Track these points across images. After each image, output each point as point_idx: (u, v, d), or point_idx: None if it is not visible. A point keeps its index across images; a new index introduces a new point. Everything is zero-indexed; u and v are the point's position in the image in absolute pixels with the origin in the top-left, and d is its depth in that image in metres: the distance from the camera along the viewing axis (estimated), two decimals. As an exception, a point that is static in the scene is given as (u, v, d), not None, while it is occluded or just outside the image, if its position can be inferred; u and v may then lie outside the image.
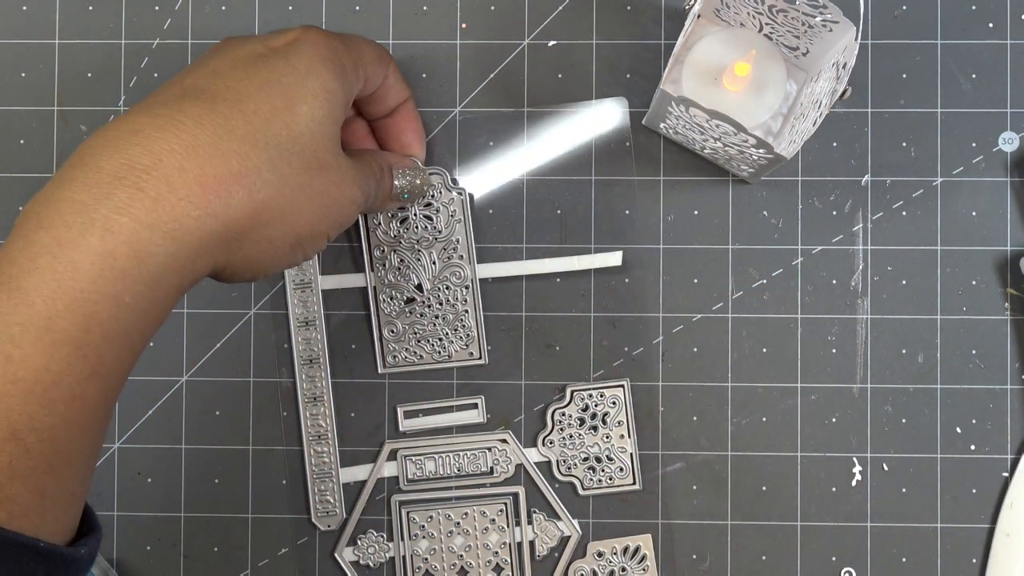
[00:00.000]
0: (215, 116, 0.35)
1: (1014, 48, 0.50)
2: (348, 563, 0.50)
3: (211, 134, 0.35)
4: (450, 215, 0.50)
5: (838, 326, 0.50)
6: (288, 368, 0.50)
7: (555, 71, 0.51)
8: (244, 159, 0.35)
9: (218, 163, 0.35)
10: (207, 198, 0.34)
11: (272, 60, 0.38)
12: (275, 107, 0.37)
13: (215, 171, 0.35)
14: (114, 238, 0.32)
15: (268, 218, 0.36)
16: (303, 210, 0.38)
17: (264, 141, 0.36)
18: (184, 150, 0.34)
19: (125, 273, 0.32)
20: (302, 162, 0.38)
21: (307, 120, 0.38)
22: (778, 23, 0.46)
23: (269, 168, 0.36)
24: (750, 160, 0.46)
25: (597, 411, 0.50)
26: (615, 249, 0.50)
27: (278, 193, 0.36)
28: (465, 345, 0.50)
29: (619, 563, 0.49)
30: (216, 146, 0.35)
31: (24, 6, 0.51)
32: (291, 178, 0.37)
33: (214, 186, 0.34)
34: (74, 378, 0.32)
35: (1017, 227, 0.50)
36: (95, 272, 0.32)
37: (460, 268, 0.49)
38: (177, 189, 0.34)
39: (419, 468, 0.50)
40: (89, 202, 0.33)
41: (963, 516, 0.49)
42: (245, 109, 0.36)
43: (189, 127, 0.35)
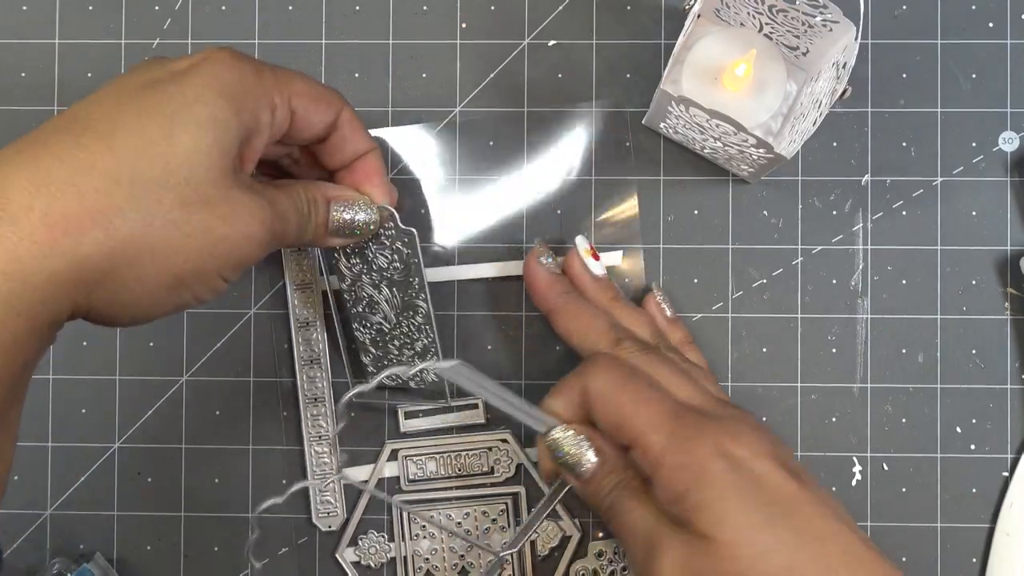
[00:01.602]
0: (77, 151, 0.34)
1: (1014, 48, 0.50)
2: (349, 563, 0.50)
3: (68, 171, 0.33)
4: (405, 256, 0.46)
5: (838, 326, 0.50)
6: (288, 368, 0.50)
7: (555, 71, 0.51)
8: (102, 196, 0.34)
9: (70, 201, 0.33)
10: (53, 236, 0.33)
11: (163, 86, 0.36)
12: (150, 138, 0.35)
13: (64, 209, 0.33)
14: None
15: (133, 257, 0.34)
16: (179, 248, 0.35)
17: (130, 176, 0.34)
18: (35, 188, 0.33)
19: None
20: (177, 197, 0.35)
21: (187, 152, 0.35)
22: (778, 23, 0.46)
23: (132, 205, 0.34)
24: (750, 160, 0.46)
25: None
26: (615, 249, 0.50)
27: (143, 231, 0.34)
28: (436, 379, 0.49)
29: (620, 562, 0.49)
30: (71, 183, 0.33)
31: (24, 6, 0.51)
32: (161, 215, 0.35)
33: (62, 224, 0.33)
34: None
35: (1017, 227, 0.50)
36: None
37: (422, 309, 0.47)
38: (21, 228, 0.32)
39: (420, 468, 0.50)
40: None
41: (963, 516, 0.49)
42: (113, 143, 0.34)
43: (46, 164, 0.33)
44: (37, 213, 0.33)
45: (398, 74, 0.51)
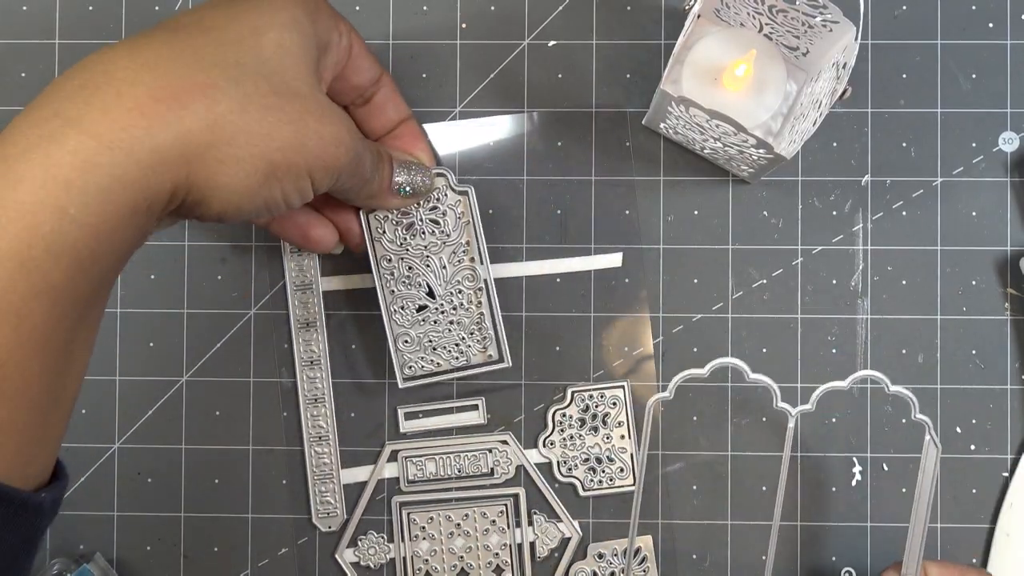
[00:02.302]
0: (178, 40, 0.35)
1: (1014, 48, 0.50)
2: (349, 564, 0.50)
3: (171, 52, 0.35)
4: (457, 217, 0.48)
5: (838, 326, 0.50)
6: (288, 369, 0.50)
7: (555, 71, 0.51)
8: (205, 74, 0.35)
9: (174, 77, 0.34)
10: (158, 109, 0.33)
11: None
12: (241, 34, 0.37)
13: (169, 84, 0.34)
14: (58, 149, 0.31)
15: (232, 135, 0.35)
16: (274, 134, 0.36)
17: (230, 61, 0.36)
18: (139, 67, 0.34)
19: (68, 183, 0.31)
20: (269, 85, 0.36)
21: (274, 46, 0.37)
22: (778, 23, 0.46)
23: (232, 85, 0.35)
24: (750, 160, 0.46)
25: (597, 412, 0.50)
26: (615, 249, 0.50)
27: (241, 108, 0.35)
28: (484, 348, 0.49)
29: (619, 564, 0.49)
30: (175, 61, 0.34)
31: (24, 6, 0.51)
32: (257, 99, 0.36)
33: (167, 98, 0.33)
34: (17, 296, 0.30)
35: (1017, 227, 0.50)
36: (36, 183, 0.31)
37: (472, 271, 0.49)
38: (126, 100, 0.33)
39: (420, 469, 0.50)
40: (39, 120, 0.32)
41: (963, 516, 0.49)
42: (210, 35, 0.36)
43: (152, 47, 0.34)
44: (143, 87, 0.33)
45: (398, 74, 0.51)
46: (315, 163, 0.38)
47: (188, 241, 0.51)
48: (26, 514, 0.31)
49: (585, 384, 0.50)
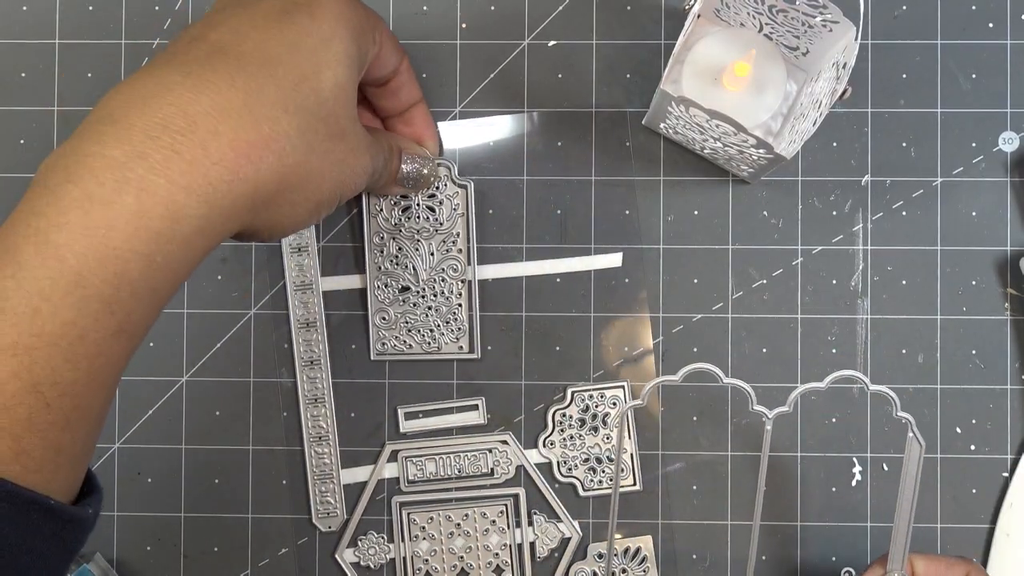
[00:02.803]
0: (246, 78, 0.35)
1: (1014, 48, 0.50)
2: (349, 564, 0.50)
3: (243, 97, 0.35)
4: (453, 208, 0.50)
5: (838, 326, 0.50)
6: (288, 369, 0.50)
7: (555, 71, 0.51)
8: (274, 124, 0.35)
9: (250, 128, 0.35)
10: (239, 163, 0.34)
11: (296, 18, 0.38)
12: (303, 72, 0.37)
13: (247, 136, 0.34)
14: (150, 198, 0.32)
15: (295, 183, 0.37)
16: (326, 176, 0.38)
17: (294, 106, 0.36)
18: (218, 113, 0.34)
19: (159, 234, 0.32)
20: (327, 128, 0.38)
21: (332, 86, 0.38)
22: (778, 23, 0.46)
23: (298, 134, 0.36)
24: (750, 160, 0.46)
25: (597, 412, 0.50)
26: (615, 250, 0.50)
27: (304, 159, 0.37)
28: (456, 339, 0.50)
29: (619, 564, 0.49)
30: (248, 110, 0.35)
31: (24, 6, 0.51)
32: (317, 144, 0.37)
33: (246, 151, 0.34)
34: (100, 334, 0.32)
35: (1017, 227, 0.50)
36: (129, 231, 0.32)
37: (457, 262, 0.49)
38: (211, 153, 0.33)
39: (420, 469, 0.50)
40: (122, 159, 0.32)
41: (963, 516, 0.49)
42: (275, 72, 0.36)
43: (222, 89, 0.34)
44: (225, 139, 0.34)
45: (398, 74, 0.51)
46: (345, 191, 0.40)
47: (188, 241, 0.51)
48: (72, 528, 0.33)
49: (585, 384, 0.50)
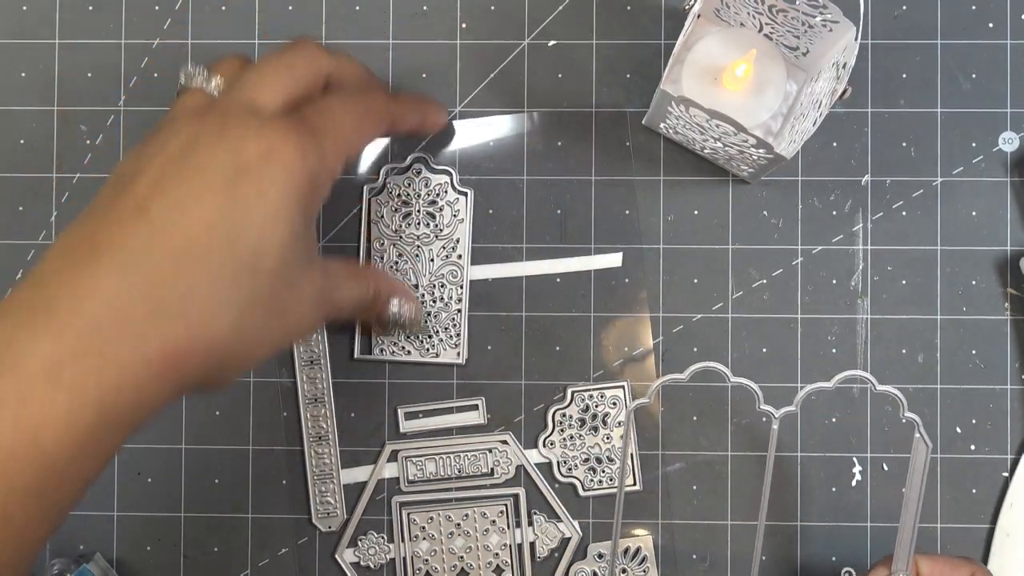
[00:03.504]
0: (183, 273, 0.35)
1: (1014, 48, 0.50)
2: (349, 564, 0.50)
3: (178, 299, 0.34)
4: (453, 214, 0.49)
5: (838, 326, 0.50)
6: (288, 368, 0.50)
7: (555, 71, 0.51)
8: (207, 326, 0.35)
9: (182, 332, 0.34)
10: (168, 366, 0.34)
11: (242, 191, 0.36)
12: (243, 260, 0.36)
13: (178, 342, 0.34)
14: (80, 399, 0.32)
15: (230, 364, 0.37)
16: (265, 345, 0.38)
17: (231, 300, 0.36)
18: (151, 316, 0.34)
19: (89, 429, 0.33)
20: (266, 312, 0.37)
21: (274, 267, 0.36)
22: (778, 23, 0.46)
23: (232, 330, 0.36)
24: (750, 160, 0.46)
25: (597, 411, 0.50)
26: (615, 249, 0.50)
27: (239, 346, 0.36)
28: (455, 344, 0.50)
29: (620, 564, 0.49)
30: (181, 312, 0.34)
31: (24, 6, 0.51)
32: (253, 332, 0.37)
33: (175, 356, 0.34)
34: (26, 519, 0.33)
35: (1017, 227, 0.50)
36: (59, 430, 0.32)
37: (457, 268, 0.49)
38: (141, 356, 0.33)
39: (420, 469, 0.50)
40: (55, 359, 0.32)
41: (963, 516, 0.49)
42: (211, 265, 0.35)
43: (156, 288, 0.34)
44: (155, 344, 0.34)
45: (398, 74, 0.51)
46: (296, 338, 0.43)
47: (188, 241, 0.51)
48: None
49: (585, 384, 0.50)
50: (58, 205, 0.51)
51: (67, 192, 0.51)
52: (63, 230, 0.37)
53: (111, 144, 0.51)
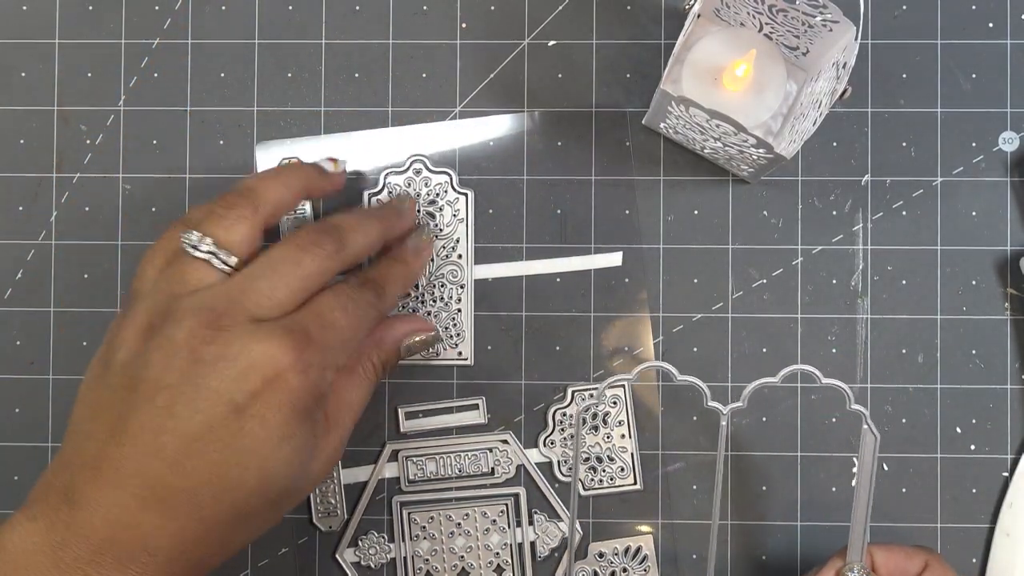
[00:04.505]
0: (192, 515, 0.36)
1: (1014, 48, 0.50)
2: (349, 564, 0.50)
3: (178, 540, 0.36)
4: (453, 214, 0.49)
5: (838, 326, 0.50)
6: (288, 368, 0.50)
7: (555, 71, 0.51)
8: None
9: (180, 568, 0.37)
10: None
11: (247, 425, 0.37)
12: (240, 507, 0.38)
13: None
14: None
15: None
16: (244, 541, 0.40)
17: (223, 546, 0.38)
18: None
19: None
20: (286, 504, 0.40)
21: (284, 485, 0.39)
22: (778, 23, 0.46)
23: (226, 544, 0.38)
24: (750, 160, 0.46)
25: (598, 411, 0.50)
26: (615, 249, 0.50)
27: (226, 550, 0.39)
28: (455, 344, 0.50)
29: (620, 563, 0.49)
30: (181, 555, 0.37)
31: (24, 6, 0.51)
32: (240, 543, 0.39)
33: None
34: None
35: (1017, 227, 0.50)
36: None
37: (457, 267, 0.49)
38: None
39: (420, 469, 0.50)
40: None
41: (963, 516, 0.49)
42: (217, 514, 0.37)
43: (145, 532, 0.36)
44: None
45: (398, 74, 0.51)
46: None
47: (188, 241, 0.51)
48: None
49: (585, 384, 0.50)
50: (58, 205, 0.51)
51: (67, 192, 0.51)
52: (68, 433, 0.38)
53: (111, 144, 0.51)
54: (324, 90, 0.51)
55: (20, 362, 0.51)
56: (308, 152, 0.50)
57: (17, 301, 0.51)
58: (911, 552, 0.43)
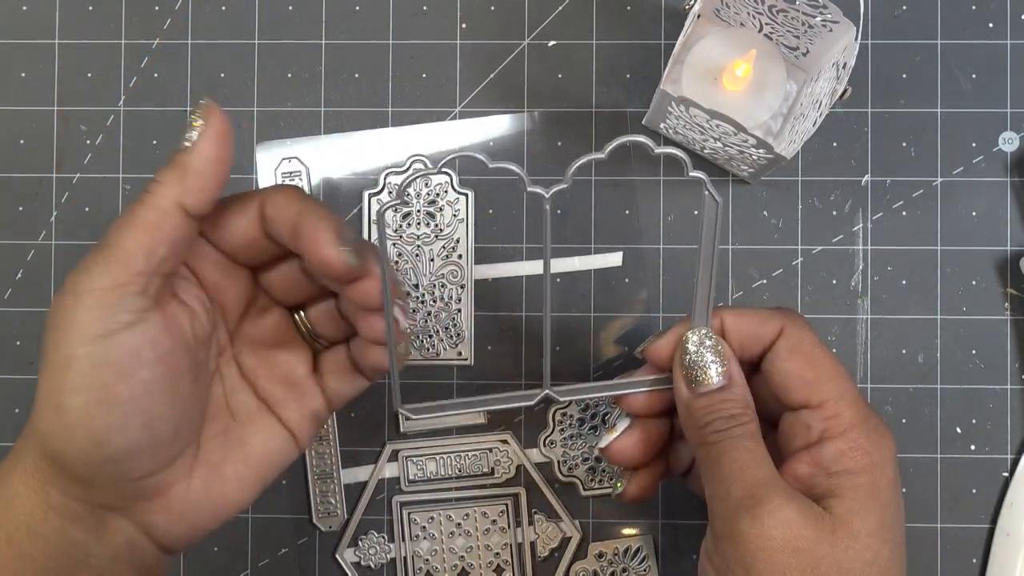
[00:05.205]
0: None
1: (1014, 48, 0.50)
2: (349, 564, 0.50)
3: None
4: (453, 214, 0.49)
5: (838, 326, 0.50)
6: (288, 368, 0.50)
7: (555, 71, 0.51)
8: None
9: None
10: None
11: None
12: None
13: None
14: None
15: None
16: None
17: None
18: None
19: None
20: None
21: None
22: (778, 23, 0.46)
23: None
24: (750, 160, 0.46)
25: (598, 411, 0.50)
26: (615, 249, 0.50)
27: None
28: (455, 344, 0.50)
29: (620, 564, 0.49)
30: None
31: (24, 6, 0.51)
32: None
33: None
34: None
35: (1017, 227, 0.50)
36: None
37: (458, 267, 0.49)
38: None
39: (420, 469, 0.50)
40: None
41: (963, 516, 0.49)
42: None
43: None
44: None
45: (398, 74, 0.51)
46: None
47: (188, 241, 0.51)
48: None
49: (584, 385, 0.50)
50: (58, 205, 0.51)
51: (67, 192, 0.51)
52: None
53: (111, 144, 0.51)
54: (324, 90, 0.51)
55: (20, 362, 0.51)
56: (308, 152, 0.50)
57: (17, 301, 0.51)
58: (765, 316, 0.40)
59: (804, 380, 0.38)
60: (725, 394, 0.39)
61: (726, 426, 0.38)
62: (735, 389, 0.39)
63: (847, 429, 0.37)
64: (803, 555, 0.35)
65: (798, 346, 0.39)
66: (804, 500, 0.36)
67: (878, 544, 0.36)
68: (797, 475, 0.37)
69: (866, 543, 0.36)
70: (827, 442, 0.37)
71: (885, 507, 0.37)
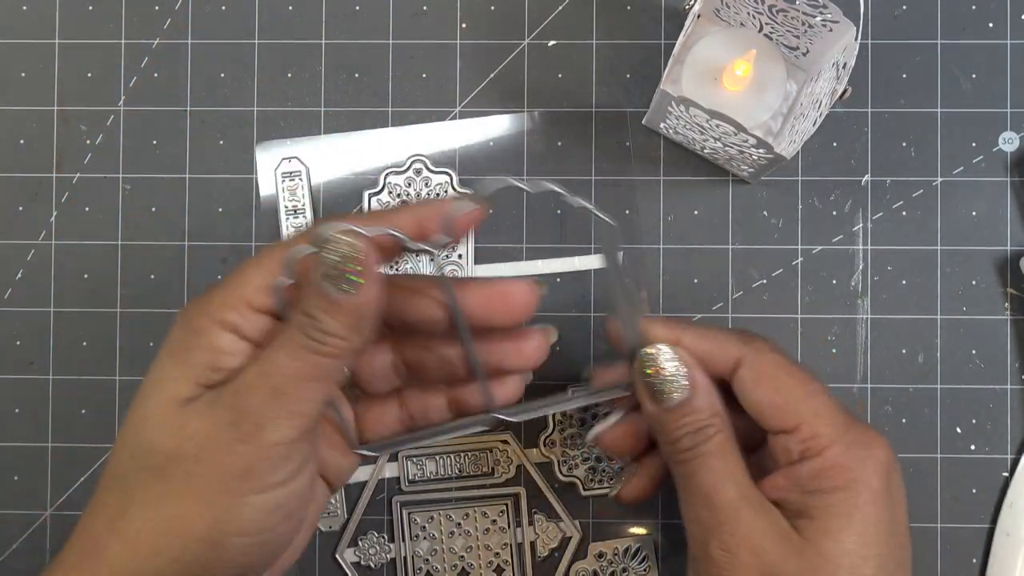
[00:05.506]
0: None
1: (1014, 48, 0.50)
2: (349, 564, 0.50)
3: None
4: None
5: (838, 326, 0.50)
6: (288, 368, 0.50)
7: (555, 71, 0.51)
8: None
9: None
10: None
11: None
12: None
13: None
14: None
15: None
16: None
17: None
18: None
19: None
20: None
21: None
22: (778, 23, 0.46)
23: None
24: (750, 160, 0.46)
25: (598, 411, 0.50)
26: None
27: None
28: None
29: (620, 564, 0.49)
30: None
31: (24, 6, 0.51)
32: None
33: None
34: None
35: (1017, 227, 0.50)
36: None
37: (458, 267, 0.49)
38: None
39: (420, 469, 0.50)
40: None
41: (963, 516, 0.49)
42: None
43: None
44: None
45: (398, 74, 0.51)
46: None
47: (188, 241, 0.51)
48: None
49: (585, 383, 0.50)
50: (58, 205, 0.51)
51: (67, 192, 0.51)
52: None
53: (111, 144, 0.51)
54: (324, 90, 0.51)
55: (20, 362, 0.51)
56: (308, 152, 0.50)
57: (17, 301, 0.51)
58: (723, 342, 0.38)
59: (774, 406, 0.38)
60: (690, 406, 0.38)
61: (693, 443, 0.38)
62: (700, 399, 0.38)
63: (825, 447, 0.37)
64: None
65: (760, 373, 0.38)
66: (773, 515, 0.36)
67: (856, 562, 0.35)
68: (776, 485, 0.37)
69: (838, 563, 0.35)
70: (805, 461, 0.37)
71: (866, 523, 0.36)
